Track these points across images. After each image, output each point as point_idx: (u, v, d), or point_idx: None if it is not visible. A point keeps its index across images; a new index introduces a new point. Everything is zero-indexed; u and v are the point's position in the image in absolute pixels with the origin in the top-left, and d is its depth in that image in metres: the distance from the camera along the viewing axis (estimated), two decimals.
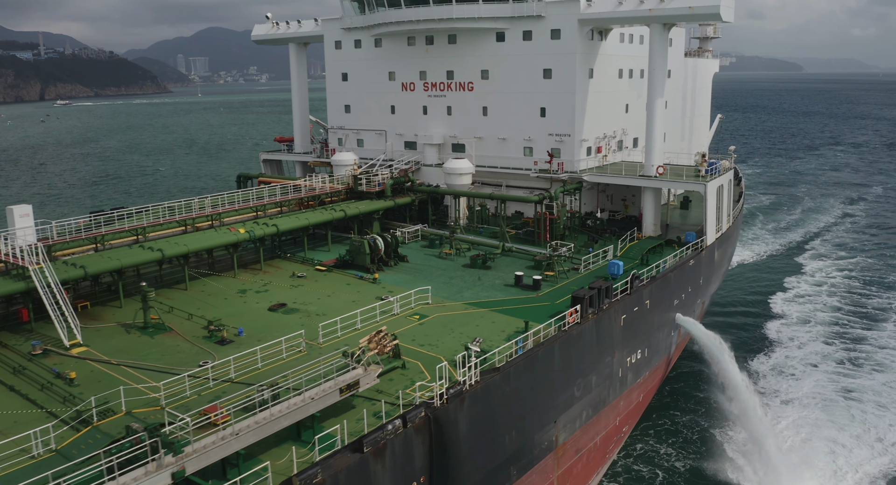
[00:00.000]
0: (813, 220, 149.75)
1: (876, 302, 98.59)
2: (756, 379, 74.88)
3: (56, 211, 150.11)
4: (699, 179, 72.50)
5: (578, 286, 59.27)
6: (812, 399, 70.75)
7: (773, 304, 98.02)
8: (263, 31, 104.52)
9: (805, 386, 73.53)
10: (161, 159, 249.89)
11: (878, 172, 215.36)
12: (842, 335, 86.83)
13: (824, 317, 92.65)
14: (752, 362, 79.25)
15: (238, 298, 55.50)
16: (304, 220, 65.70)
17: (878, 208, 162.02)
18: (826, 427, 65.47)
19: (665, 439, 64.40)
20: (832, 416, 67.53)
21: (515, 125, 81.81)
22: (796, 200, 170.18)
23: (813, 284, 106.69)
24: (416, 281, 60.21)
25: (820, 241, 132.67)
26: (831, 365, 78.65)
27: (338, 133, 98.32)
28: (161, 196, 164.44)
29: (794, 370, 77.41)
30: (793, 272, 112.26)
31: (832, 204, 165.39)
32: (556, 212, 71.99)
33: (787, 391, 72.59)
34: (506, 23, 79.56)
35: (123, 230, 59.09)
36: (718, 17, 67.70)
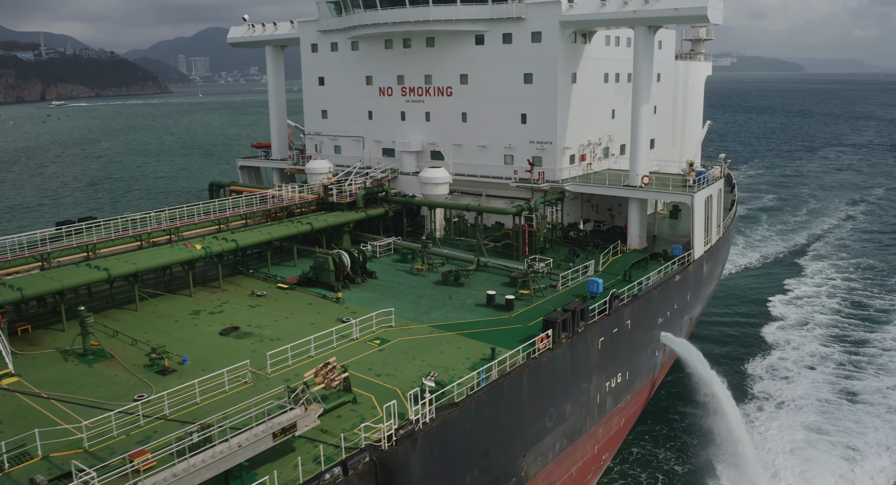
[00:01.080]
0: (816, 221, 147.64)
1: (878, 303, 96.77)
2: (752, 383, 74.35)
3: (51, 213, 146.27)
4: (686, 189, 68.98)
5: (555, 306, 55.89)
6: (808, 401, 70.03)
7: (773, 307, 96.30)
8: (239, 33, 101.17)
9: (800, 389, 72.59)
10: (163, 161, 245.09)
11: (879, 173, 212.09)
12: (842, 338, 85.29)
13: (824, 319, 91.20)
14: (749, 366, 78.26)
15: (189, 321, 52.00)
16: (266, 234, 62.17)
17: (880, 210, 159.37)
18: (826, 433, 64.29)
19: (648, 464, 60.93)
20: (832, 420, 66.40)
21: (495, 132, 78.31)
22: (800, 201, 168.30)
23: (814, 286, 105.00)
24: (382, 300, 56.76)
25: (822, 242, 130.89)
26: (830, 367, 77.46)
27: (314, 139, 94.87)
28: (160, 199, 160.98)
29: (789, 373, 76.33)
30: (793, 274, 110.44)
31: (836, 205, 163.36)
32: (535, 224, 68.47)
33: (781, 395, 71.53)
34: (485, 25, 76.07)
35: (71, 247, 55.60)
36: (705, 18, 64.21)
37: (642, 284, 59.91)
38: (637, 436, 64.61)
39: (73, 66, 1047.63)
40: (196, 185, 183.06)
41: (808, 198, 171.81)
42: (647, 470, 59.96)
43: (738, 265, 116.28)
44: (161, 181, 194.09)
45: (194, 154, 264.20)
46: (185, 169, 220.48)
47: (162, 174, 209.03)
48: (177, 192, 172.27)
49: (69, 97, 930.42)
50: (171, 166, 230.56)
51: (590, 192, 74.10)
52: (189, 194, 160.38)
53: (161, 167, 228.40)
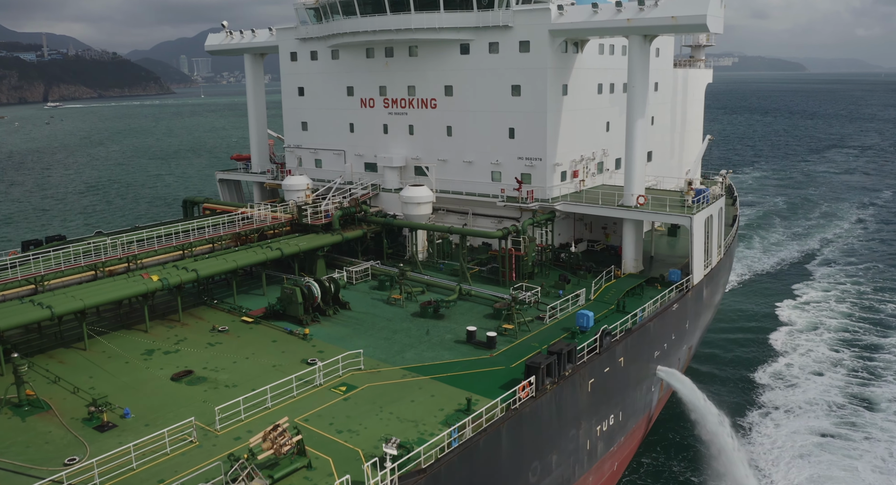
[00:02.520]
0: (824, 225, 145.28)
1: (891, 308, 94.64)
2: (761, 389, 73.53)
3: (37, 224, 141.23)
4: (685, 210, 64.44)
5: (541, 341, 51.52)
6: (818, 406, 69.22)
7: (781, 311, 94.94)
8: (217, 40, 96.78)
9: (810, 393, 71.68)
10: (169, 165, 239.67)
11: (888, 175, 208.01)
12: (853, 343, 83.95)
13: (834, 324, 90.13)
14: (757, 372, 77.05)
15: (140, 363, 47.53)
16: (231, 262, 57.66)
17: (889, 213, 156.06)
18: (838, 437, 63.59)
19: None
20: (843, 425, 65.35)
21: (482, 147, 73.81)
22: (808, 204, 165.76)
23: (822, 290, 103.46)
24: (354, 336, 52.32)
25: (831, 246, 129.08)
26: (841, 373, 76.21)
27: (294, 152, 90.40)
28: (160, 210, 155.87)
29: (798, 379, 75.94)
30: (802, 279, 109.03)
31: (844, 209, 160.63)
32: (523, 248, 64.00)
33: (790, 401, 70.47)
34: (470, 33, 71.57)
35: (15, 280, 51.18)
36: (704, 27, 59.70)
37: (637, 316, 55.47)
38: (631, 477, 60.07)
39: (76, 66, 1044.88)
40: (203, 189, 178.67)
41: (818, 200, 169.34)
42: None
43: (746, 270, 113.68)
44: (165, 189, 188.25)
45: (201, 158, 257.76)
46: (188, 176, 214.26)
47: (167, 181, 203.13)
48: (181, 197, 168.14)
49: (72, 98, 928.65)
50: (176, 170, 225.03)
51: (582, 212, 69.63)
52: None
53: (166, 172, 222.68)
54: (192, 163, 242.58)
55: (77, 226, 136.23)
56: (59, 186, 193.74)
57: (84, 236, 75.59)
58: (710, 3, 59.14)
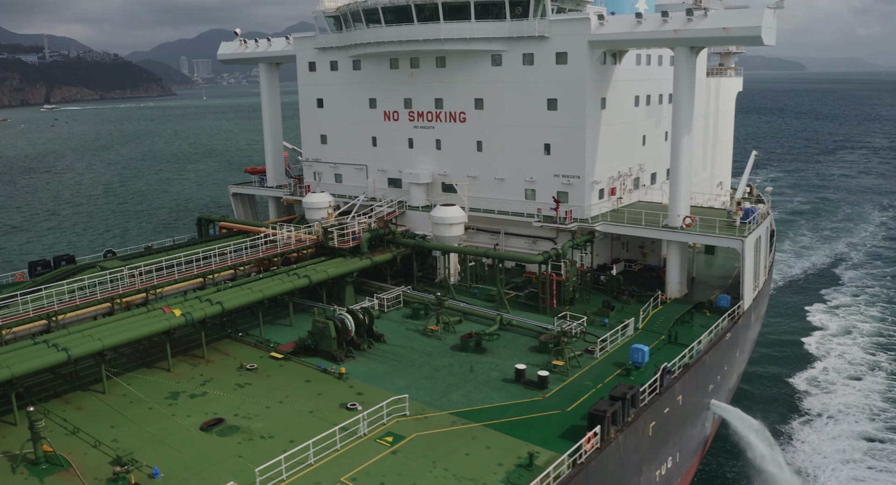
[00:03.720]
0: (847, 228, 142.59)
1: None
2: (800, 394, 71.64)
3: (59, 239, 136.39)
4: (735, 232, 60.69)
5: (594, 379, 47.93)
6: (860, 410, 67.60)
7: (812, 316, 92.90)
8: (230, 49, 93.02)
9: (850, 398, 70.05)
10: (181, 170, 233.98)
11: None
12: (888, 347, 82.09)
13: (867, 328, 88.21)
14: (795, 377, 75.13)
15: (165, 408, 43.78)
16: (257, 292, 53.89)
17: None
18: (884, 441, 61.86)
19: None
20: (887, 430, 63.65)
21: (515, 164, 70.10)
22: (830, 206, 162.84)
23: (851, 295, 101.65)
24: (392, 374, 48.60)
25: (856, 250, 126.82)
26: (881, 376, 74.52)
27: (313, 166, 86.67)
28: (175, 219, 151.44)
29: (836, 383, 73.24)
30: (830, 283, 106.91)
31: (866, 211, 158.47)
32: (564, 272, 60.28)
33: (829, 406, 68.67)
34: (503, 44, 67.85)
35: (27, 317, 47.42)
36: (759, 40, 56.04)
37: (693, 349, 51.80)
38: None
39: (77, 68, 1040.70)
40: (217, 195, 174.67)
41: (839, 203, 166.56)
42: None
43: (776, 276, 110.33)
44: (178, 197, 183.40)
45: (213, 162, 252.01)
46: (200, 182, 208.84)
47: (179, 187, 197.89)
48: (197, 206, 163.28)
49: (73, 100, 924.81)
50: (189, 176, 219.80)
51: (624, 232, 65.93)
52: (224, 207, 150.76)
53: (179, 177, 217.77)
54: (204, 167, 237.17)
55: (86, 242, 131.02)
56: (69, 195, 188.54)
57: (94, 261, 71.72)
58: (765, 15, 55.56)
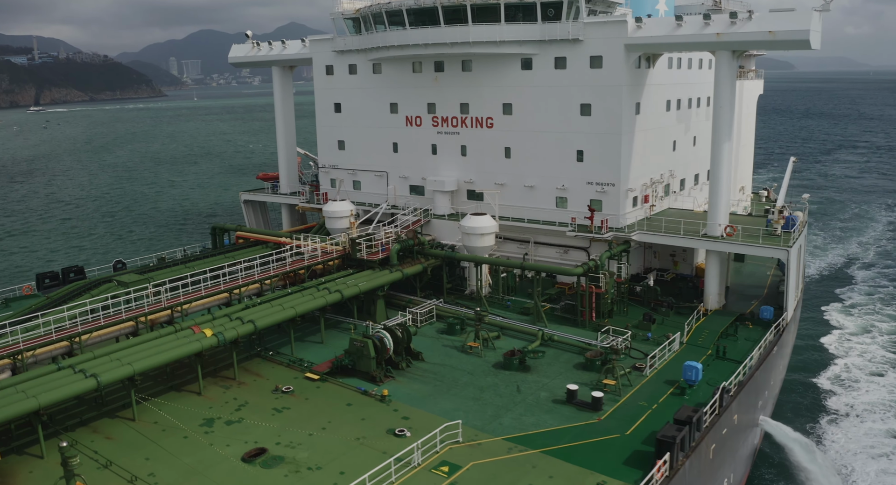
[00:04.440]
0: (857, 227, 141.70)
1: None
2: (826, 393, 71.00)
3: (65, 248, 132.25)
4: (780, 242, 58.64)
5: (649, 399, 45.75)
6: (886, 407, 67.16)
7: (829, 316, 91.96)
8: (242, 52, 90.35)
9: (876, 395, 69.52)
10: (181, 172, 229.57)
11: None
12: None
13: (885, 327, 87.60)
14: (820, 377, 74.52)
15: (202, 437, 41.19)
16: (289, 309, 51.34)
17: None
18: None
19: None
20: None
21: (545, 171, 67.80)
22: (837, 206, 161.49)
23: (866, 294, 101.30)
24: (437, 396, 46.21)
25: (866, 249, 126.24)
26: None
27: (330, 173, 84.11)
28: (183, 223, 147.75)
29: (860, 381, 72.85)
30: (844, 283, 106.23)
31: (874, 210, 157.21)
32: (603, 284, 58.06)
33: (857, 403, 68.36)
34: (533, 47, 65.56)
35: (49, 340, 44.71)
36: (807, 44, 54.02)
37: (746, 366, 49.69)
38: None
39: (67, 69, 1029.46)
40: (223, 200, 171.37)
41: (847, 202, 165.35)
42: None
43: None
44: (183, 200, 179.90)
45: (212, 164, 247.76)
46: (203, 184, 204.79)
47: (182, 190, 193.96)
48: (202, 210, 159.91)
49: (63, 101, 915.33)
50: (189, 178, 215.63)
51: (661, 242, 63.81)
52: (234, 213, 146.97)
53: (180, 179, 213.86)
54: (204, 170, 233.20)
55: (91, 250, 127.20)
56: (69, 199, 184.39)
57: (107, 274, 69.14)
58: (813, 18, 53.51)
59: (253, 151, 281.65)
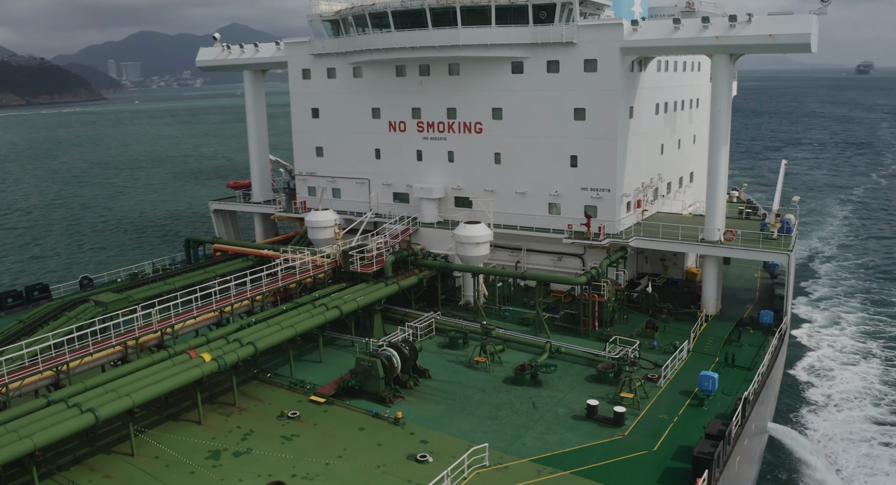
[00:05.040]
0: (819, 222, 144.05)
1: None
2: (803, 384, 71.36)
3: (21, 263, 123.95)
4: (778, 245, 58.39)
5: (668, 412, 44.73)
6: (863, 395, 68.29)
7: (798, 310, 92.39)
8: (211, 56, 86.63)
9: (851, 384, 70.61)
10: (133, 178, 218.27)
11: (853, 171, 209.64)
12: (876, 335, 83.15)
13: (852, 318, 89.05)
14: (795, 368, 74.70)
15: (210, 471, 38.32)
16: (289, 329, 48.62)
17: (867, 209, 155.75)
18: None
19: None
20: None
21: (538, 177, 66.44)
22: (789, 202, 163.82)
23: (830, 286, 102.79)
24: (451, 416, 44.23)
25: (824, 243, 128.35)
26: (875, 363, 75.18)
27: (308, 180, 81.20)
28: (144, 230, 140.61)
29: (835, 371, 73.77)
30: (807, 276, 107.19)
31: (829, 205, 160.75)
32: (605, 292, 56.90)
33: (834, 392, 69.15)
34: (525, 51, 64.12)
35: (35, 371, 41.14)
36: (808, 47, 53.87)
37: (759, 373, 49.09)
38: None
39: (1, 73, 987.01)
40: (181, 207, 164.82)
41: (803, 199, 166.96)
42: None
43: None
44: (141, 207, 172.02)
45: (165, 170, 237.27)
46: (158, 190, 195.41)
47: (137, 197, 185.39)
48: (162, 218, 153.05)
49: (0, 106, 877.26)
50: (143, 184, 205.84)
51: (659, 248, 63.07)
52: (200, 224, 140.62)
53: (130, 185, 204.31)
54: (157, 175, 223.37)
55: (52, 265, 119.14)
56: (21, 208, 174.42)
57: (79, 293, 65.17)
58: (813, 22, 53.40)
59: (205, 155, 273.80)
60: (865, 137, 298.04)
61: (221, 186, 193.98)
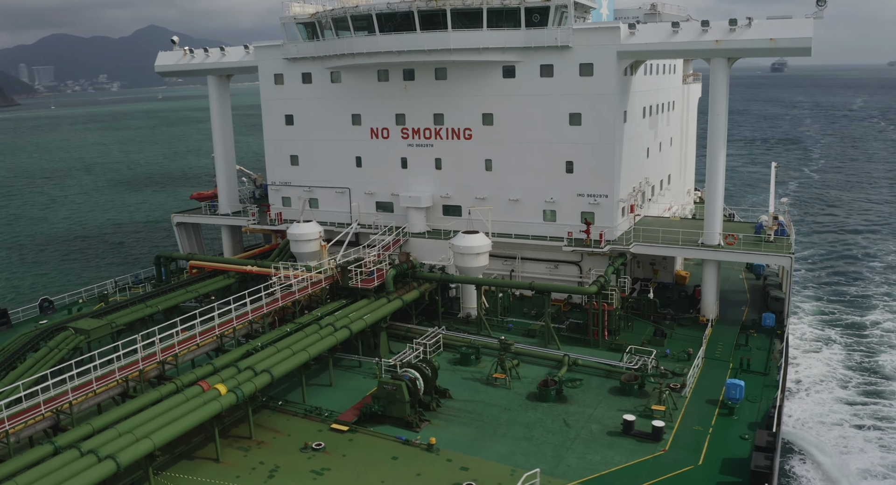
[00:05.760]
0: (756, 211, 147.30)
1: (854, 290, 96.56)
2: None
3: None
4: (783, 249, 58.65)
5: (701, 422, 43.88)
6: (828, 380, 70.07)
7: None
8: (171, 60, 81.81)
9: (815, 370, 72.02)
10: (63, 188, 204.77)
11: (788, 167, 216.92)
12: (834, 323, 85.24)
13: (808, 307, 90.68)
14: None
15: None
16: (302, 353, 45.57)
17: (802, 201, 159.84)
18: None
19: None
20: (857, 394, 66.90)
21: (532, 184, 65.08)
22: (733, 200, 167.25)
23: None
24: (485, 438, 42.22)
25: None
26: (836, 349, 77.18)
27: (281, 190, 77.62)
28: (90, 241, 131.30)
29: (798, 358, 74.42)
30: None
31: (766, 201, 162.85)
32: (614, 300, 55.95)
33: (801, 379, 70.10)
34: (517, 54, 62.63)
35: (38, 418, 36.96)
36: (808, 51, 54.19)
37: (776, 378, 49.02)
38: None
39: None
40: (123, 218, 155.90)
41: (742, 194, 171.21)
42: None
43: None
44: (80, 217, 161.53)
45: (95, 178, 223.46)
46: (95, 199, 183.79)
47: (75, 207, 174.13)
48: (102, 229, 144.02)
49: None
50: (78, 194, 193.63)
51: (658, 253, 62.63)
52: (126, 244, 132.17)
53: (61, 195, 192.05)
54: (89, 184, 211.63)
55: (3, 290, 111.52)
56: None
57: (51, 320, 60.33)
58: (813, 26, 53.84)
59: (136, 163, 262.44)
60: (791, 133, 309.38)
61: (158, 193, 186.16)
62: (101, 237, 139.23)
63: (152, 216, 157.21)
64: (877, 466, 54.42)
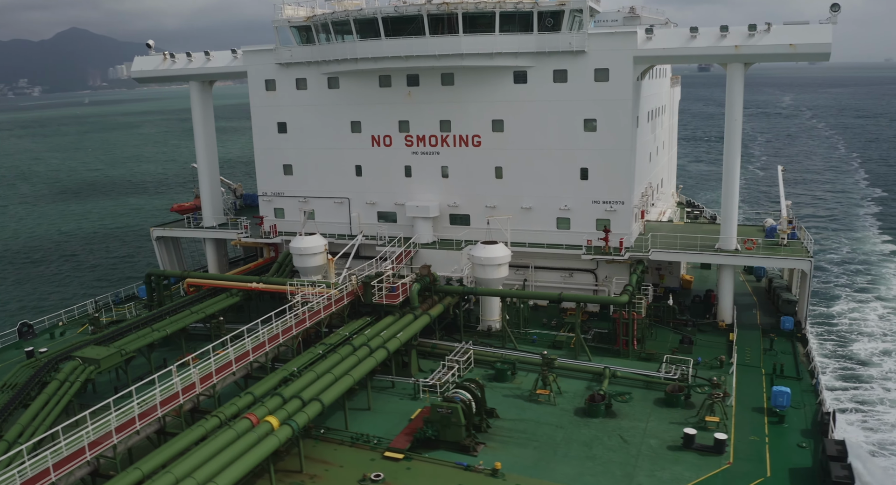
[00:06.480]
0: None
1: None
2: None
3: None
4: (801, 253, 59.07)
5: (756, 432, 43.51)
6: None
7: None
8: (150, 65, 77.31)
9: None
10: (3, 198, 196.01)
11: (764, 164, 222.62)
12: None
13: None
14: None
15: None
16: (346, 377, 43.02)
17: (752, 195, 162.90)
18: None
19: None
20: None
21: (545, 191, 63.90)
22: (690, 194, 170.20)
23: None
24: (548, 460, 40.66)
25: None
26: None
27: (274, 201, 74.35)
28: (47, 253, 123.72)
29: None
30: None
31: (719, 197, 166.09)
32: (643, 309, 55.26)
33: None
34: (529, 59, 61.33)
35: (81, 461, 33.49)
36: (826, 56, 54.66)
37: (810, 383, 49.18)
38: None
39: None
40: (74, 229, 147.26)
41: (696, 190, 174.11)
42: None
43: None
44: (24, 228, 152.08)
45: (34, 188, 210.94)
46: (42, 214, 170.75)
47: (17, 218, 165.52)
48: (54, 240, 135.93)
49: None
50: (15, 204, 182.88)
51: (677, 259, 62.36)
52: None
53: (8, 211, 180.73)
54: (28, 194, 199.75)
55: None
56: None
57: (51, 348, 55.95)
58: (832, 31, 54.34)
59: (76, 170, 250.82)
60: None
61: (105, 202, 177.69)
62: (56, 250, 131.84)
63: (109, 227, 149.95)
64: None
